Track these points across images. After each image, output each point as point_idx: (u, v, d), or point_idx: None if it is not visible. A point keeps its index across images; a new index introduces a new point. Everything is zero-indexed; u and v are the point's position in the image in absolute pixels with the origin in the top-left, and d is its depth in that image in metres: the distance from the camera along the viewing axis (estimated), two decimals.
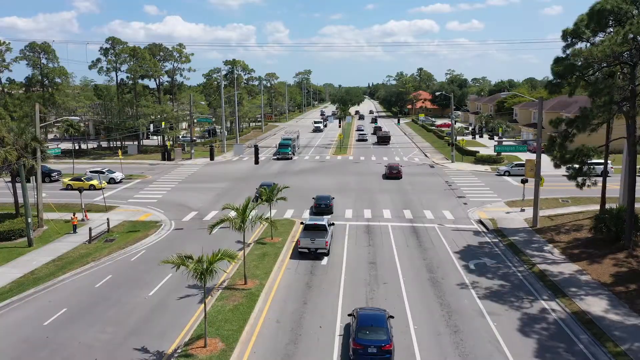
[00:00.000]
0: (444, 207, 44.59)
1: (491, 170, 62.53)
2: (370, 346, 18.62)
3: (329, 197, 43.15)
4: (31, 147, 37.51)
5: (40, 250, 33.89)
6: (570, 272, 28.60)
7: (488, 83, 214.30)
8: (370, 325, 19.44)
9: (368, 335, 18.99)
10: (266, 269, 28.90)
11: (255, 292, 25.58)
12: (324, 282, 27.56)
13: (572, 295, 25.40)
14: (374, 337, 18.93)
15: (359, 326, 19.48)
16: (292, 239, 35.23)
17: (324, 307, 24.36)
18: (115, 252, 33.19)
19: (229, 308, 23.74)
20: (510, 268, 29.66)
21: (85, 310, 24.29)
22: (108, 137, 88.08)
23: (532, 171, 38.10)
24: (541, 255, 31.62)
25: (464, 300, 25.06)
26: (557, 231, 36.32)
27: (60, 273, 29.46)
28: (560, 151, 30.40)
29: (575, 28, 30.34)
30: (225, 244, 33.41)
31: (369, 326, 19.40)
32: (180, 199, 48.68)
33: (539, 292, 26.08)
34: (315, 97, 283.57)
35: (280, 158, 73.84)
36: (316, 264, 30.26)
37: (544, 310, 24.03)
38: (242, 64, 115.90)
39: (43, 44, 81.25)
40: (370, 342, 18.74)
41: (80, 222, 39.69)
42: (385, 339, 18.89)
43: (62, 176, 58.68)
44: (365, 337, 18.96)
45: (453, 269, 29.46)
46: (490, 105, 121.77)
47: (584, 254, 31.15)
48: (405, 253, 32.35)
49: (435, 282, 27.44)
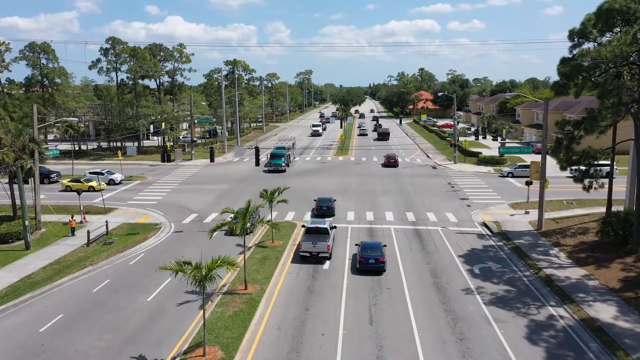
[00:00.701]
0: (447, 209, 44.02)
1: (494, 172, 61.93)
2: (371, 259, 28.55)
3: (330, 199, 42.60)
4: (29, 148, 37.03)
5: (38, 254, 33.37)
6: (578, 277, 28.01)
7: (489, 83, 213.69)
8: (370, 248, 29.43)
9: (369, 253, 28.87)
10: (267, 274, 28.35)
11: (255, 298, 25.02)
12: (326, 287, 27.00)
13: (580, 301, 24.81)
14: (372, 254, 28.80)
15: (362, 248, 29.43)
16: (294, 242, 34.68)
17: (326, 313, 23.80)
18: (113, 255, 32.66)
19: (229, 314, 23.18)
20: (515, 272, 29.08)
21: (82, 316, 23.76)
22: (108, 138, 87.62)
23: (538, 173, 37.51)
24: (547, 259, 31.04)
25: (470, 307, 24.49)
26: (562, 234, 35.72)
27: (57, 277, 28.93)
28: (567, 153, 29.78)
29: (582, 28, 29.79)
30: (225, 247, 33.00)
31: (369, 248, 29.40)
32: (181, 200, 48.16)
33: (546, 298, 25.50)
34: (317, 97, 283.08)
35: (272, 170, 63.04)
36: (318, 268, 29.71)
37: (552, 316, 23.46)
38: (243, 64, 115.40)
39: (43, 44, 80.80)
40: (370, 256, 28.67)
41: (78, 225, 39.17)
42: (380, 254, 28.79)
43: (62, 177, 58.12)
44: (367, 254, 28.83)
45: (457, 274, 28.89)
46: (492, 106, 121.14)
47: (591, 258, 30.56)
48: (408, 257, 31.78)
49: (439, 287, 26.87)
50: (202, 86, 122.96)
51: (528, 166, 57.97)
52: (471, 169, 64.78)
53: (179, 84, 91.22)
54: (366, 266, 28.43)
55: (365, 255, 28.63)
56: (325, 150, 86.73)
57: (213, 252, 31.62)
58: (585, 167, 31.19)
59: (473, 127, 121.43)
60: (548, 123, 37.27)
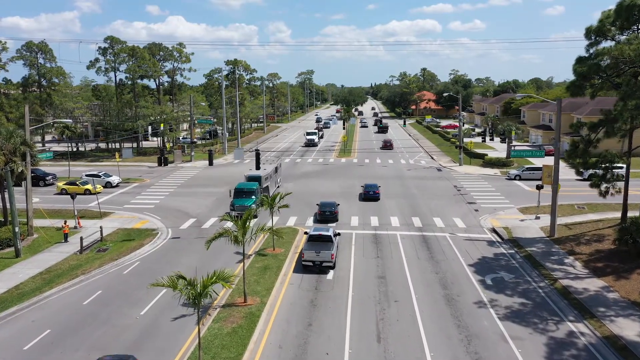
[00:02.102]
0: (454, 214, 42.48)
1: (501, 174, 60.37)
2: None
3: (334, 203, 41.07)
4: (20, 151, 35.60)
5: (28, 262, 31.90)
6: (596, 288, 26.47)
7: (492, 83, 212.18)
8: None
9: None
10: (267, 285, 26.84)
11: (255, 312, 23.51)
12: (330, 299, 25.49)
13: (601, 316, 23.28)
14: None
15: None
16: (296, 250, 33.18)
17: (330, 329, 22.29)
18: (107, 263, 31.18)
19: (227, 331, 21.68)
20: (530, 283, 27.54)
21: (70, 332, 22.28)
22: (106, 139, 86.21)
23: (550, 177, 35.95)
24: (562, 268, 29.50)
25: (484, 322, 22.97)
26: (576, 241, 34.16)
27: (47, 288, 27.47)
28: (584, 157, 28.24)
29: (600, 25, 28.29)
30: (224, 255, 31.51)
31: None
32: (179, 204, 46.68)
33: (564, 312, 23.97)
34: (318, 97, 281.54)
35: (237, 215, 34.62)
36: (321, 279, 28.20)
37: (572, 333, 21.93)
38: (244, 64, 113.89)
39: (40, 43, 79.48)
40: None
41: (72, 230, 37.74)
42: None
43: (58, 180, 56.67)
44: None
45: (469, 285, 27.36)
46: (496, 106, 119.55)
47: (609, 268, 29.02)
48: (416, 266, 30.26)
49: (450, 300, 25.34)
50: (203, 86, 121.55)
51: (536, 169, 56.57)
52: (477, 171, 63.23)
53: (179, 84, 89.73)
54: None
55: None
56: (327, 152, 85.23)
57: (211, 261, 30.28)
58: (602, 172, 29.61)
59: (477, 127, 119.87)
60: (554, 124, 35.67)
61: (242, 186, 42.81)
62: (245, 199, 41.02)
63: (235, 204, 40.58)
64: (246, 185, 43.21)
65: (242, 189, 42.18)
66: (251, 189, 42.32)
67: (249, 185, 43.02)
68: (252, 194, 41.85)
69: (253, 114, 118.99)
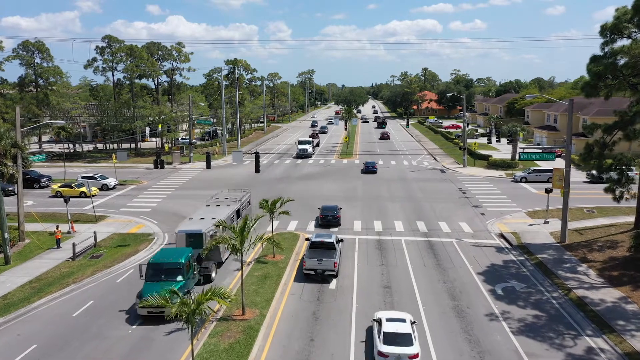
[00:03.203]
0: (460, 218, 41.15)
1: (506, 176, 59.03)
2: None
3: (336, 207, 39.72)
4: (11, 153, 34.28)
5: (17, 269, 30.59)
6: (613, 299, 25.15)
7: (493, 83, 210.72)
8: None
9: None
10: (267, 295, 25.51)
11: (254, 326, 22.19)
12: (333, 311, 24.17)
13: (620, 330, 21.96)
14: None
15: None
16: (297, 257, 31.86)
17: (333, 345, 20.97)
18: (100, 271, 29.87)
19: (224, 347, 20.36)
20: (543, 294, 26.21)
21: (57, 347, 20.97)
22: (104, 140, 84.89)
23: (561, 181, 34.60)
24: (576, 277, 28.17)
25: (496, 336, 21.65)
26: (589, 248, 32.83)
27: (35, 298, 26.17)
28: (599, 161, 26.90)
29: (616, 23, 26.93)
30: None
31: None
32: (176, 207, 45.36)
33: (581, 326, 22.65)
34: (319, 97, 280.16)
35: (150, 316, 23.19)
36: (324, 288, 26.88)
37: (591, 349, 20.61)
38: (244, 64, 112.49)
39: (37, 42, 78.13)
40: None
41: (65, 235, 36.46)
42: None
43: (53, 182, 55.37)
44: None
45: (478, 295, 26.04)
46: (499, 107, 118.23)
47: (625, 277, 27.69)
48: (422, 274, 28.94)
49: (460, 312, 24.02)
50: (202, 86, 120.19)
51: (542, 170, 55.26)
52: (482, 173, 61.87)
53: (178, 84, 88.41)
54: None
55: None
56: (328, 153, 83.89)
57: None
58: (617, 176, 28.27)
59: (480, 127, 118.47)
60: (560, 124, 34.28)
61: (160, 259, 24.88)
62: (165, 283, 23.48)
63: (145, 293, 22.58)
64: (168, 256, 25.18)
65: (159, 265, 24.51)
66: (176, 264, 24.44)
67: (172, 256, 25.03)
68: (176, 272, 24.24)
69: (253, 114, 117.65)
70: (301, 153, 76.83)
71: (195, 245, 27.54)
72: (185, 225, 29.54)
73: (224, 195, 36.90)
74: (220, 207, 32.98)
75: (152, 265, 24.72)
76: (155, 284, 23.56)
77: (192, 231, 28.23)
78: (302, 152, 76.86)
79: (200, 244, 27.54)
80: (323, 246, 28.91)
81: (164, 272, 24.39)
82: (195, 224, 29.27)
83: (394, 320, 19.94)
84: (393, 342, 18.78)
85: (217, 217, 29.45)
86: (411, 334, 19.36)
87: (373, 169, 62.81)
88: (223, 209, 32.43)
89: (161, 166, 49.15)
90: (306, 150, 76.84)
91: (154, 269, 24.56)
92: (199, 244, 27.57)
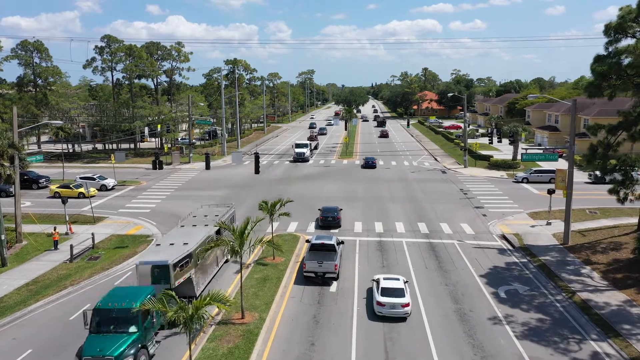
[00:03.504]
0: (461, 219, 40.79)
1: (507, 177, 58.66)
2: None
3: (336, 208, 39.35)
4: (8, 154, 33.92)
5: (14, 271, 30.23)
6: (618, 302, 24.78)
7: (493, 83, 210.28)
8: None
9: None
10: (267, 298, 25.14)
11: (253, 330, 21.82)
12: (334, 314, 23.81)
13: (626, 334, 21.59)
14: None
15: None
16: (297, 258, 31.50)
17: (335, 350, 20.60)
18: (97, 273, 29.51)
19: (222, 352, 19.98)
20: (546, 297, 25.85)
21: (53, 353, 20.60)
22: (103, 140, 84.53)
23: (563, 182, 34.24)
24: (579, 280, 27.81)
25: (500, 341, 21.29)
26: (592, 250, 32.46)
27: (32, 301, 25.81)
28: (604, 162, 26.54)
29: (621, 22, 26.56)
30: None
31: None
32: (175, 208, 44.98)
33: (586, 330, 22.28)
34: (319, 97, 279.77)
35: None
36: (324, 291, 26.52)
37: (596, 354, 20.24)
38: (244, 64, 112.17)
39: (35, 42, 77.73)
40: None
41: (63, 237, 36.09)
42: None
43: (51, 182, 54.99)
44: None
45: (481, 298, 25.68)
46: (500, 107, 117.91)
47: (630, 280, 27.33)
48: (424, 277, 28.57)
49: (462, 316, 23.65)
50: (202, 86, 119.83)
51: (544, 171, 54.94)
52: (483, 173, 61.50)
53: (177, 84, 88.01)
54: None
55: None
56: (328, 153, 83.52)
57: None
58: (622, 177, 27.90)
59: (481, 128, 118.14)
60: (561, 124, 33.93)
61: (109, 304, 19.86)
62: (113, 337, 18.83)
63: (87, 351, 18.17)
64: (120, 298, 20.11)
65: (107, 312, 19.59)
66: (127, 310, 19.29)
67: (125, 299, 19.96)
68: (129, 321, 19.24)
69: (253, 114, 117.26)
70: (298, 157, 72.47)
71: (160, 280, 22.15)
72: (148, 255, 23.92)
73: (204, 212, 31.49)
74: (197, 228, 27.61)
75: (99, 311, 19.44)
76: (100, 338, 18.62)
77: (156, 262, 22.36)
78: (299, 155, 72.47)
79: (167, 278, 22.11)
80: (323, 248, 28.55)
81: (113, 321, 19.21)
82: (162, 252, 23.49)
83: (389, 279, 24.57)
84: (389, 294, 23.22)
85: (190, 242, 24.52)
86: (403, 289, 23.67)
87: (372, 164, 66.02)
88: (199, 231, 26.99)
89: (160, 167, 47.74)
90: (303, 154, 72.58)
91: (100, 317, 19.33)
92: (165, 278, 22.13)
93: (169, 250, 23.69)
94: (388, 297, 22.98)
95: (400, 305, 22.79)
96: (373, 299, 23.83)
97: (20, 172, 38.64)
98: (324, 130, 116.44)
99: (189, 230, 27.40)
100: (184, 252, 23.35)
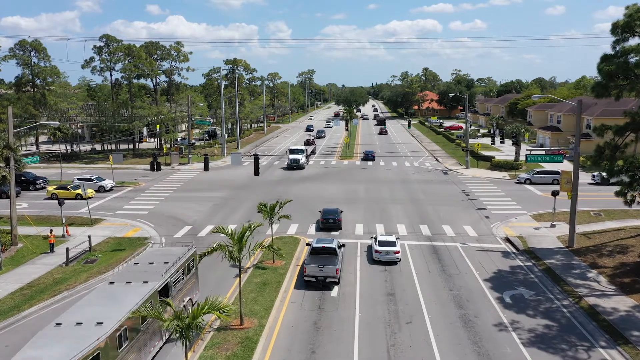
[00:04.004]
0: (464, 221, 40.18)
1: (510, 178, 58.08)
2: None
3: (337, 210, 38.75)
4: (3, 155, 33.35)
5: (9, 275, 29.63)
6: (626, 308, 24.17)
7: (494, 83, 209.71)
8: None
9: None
10: (266, 304, 24.54)
11: (253, 337, 21.21)
12: (335, 321, 23.20)
13: (635, 341, 20.99)
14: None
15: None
16: (297, 262, 30.89)
17: (336, 357, 19.98)
18: (93, 277, 28.90)
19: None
20: (552, 302, 25.25)
21: None
22: (101, 140, 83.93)
23: (569, 184, 33.64)
24: (586, 284, 27.20)
25: (506, 348, 20.68)
26: (598, 253, 31.86)
27: (26, 306, 25.22)
28: (611, 164, 25.94)
29: (628, 20, 25.95)
30: (219, 268, 29.24)
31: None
32: (174, 210, 44.40)
33: (594, 337, 21.67)
34: (319, 97, 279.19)
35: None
36: (325, 296, 25.91)
37: None
38: (244, 64, 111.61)
39: (34, 42, 77.21)
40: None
41: (59, 239, 35.52)
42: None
43: (48, 183, 54.40)
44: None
45: (486, 303, 25.07)
46: (501, 107, 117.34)
47: (638, 284, 26.72)
48: (427, 281, 27.97)
49: (467, 322, 23.05)
50: (202, 86, 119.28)
51: (547, 172, 54.37)
52: (485, 174, 60.91)
53: (177, 84, 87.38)
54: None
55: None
56: (328, 154, 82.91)
57: (205, 274, 27.98)
58: (629, 179, 27.31)
59: (482, 128, 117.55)
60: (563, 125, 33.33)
61: None
62: None
63: None
64: None
65: None
66: None
67: None
68: None
69: (253, 114, 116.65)
70: (292, 164, 66.07)
71: None
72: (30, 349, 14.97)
73: (149, 259, 22.31)
74: (132, 288, 18.94)
75: None
76: None
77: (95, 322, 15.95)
78: (294, 163, 66.07)
79: None
80: (324, 252, 27.96)
81: None
82: (59, 342, 15.15)
83: (385, 235, 31.97)
84: (384, 245, 30.56)
85: (108, 321, 16.14)
86: (395, 241, 30.96)
87: (372, 156, 72.03)
88: (135, 292, 18.57)
89: (157, 168, 47.17)
90: (298, 161, 65.95)
91: None
92: None
93: (72, 338, 15.16)
94: (383, 247, 30.33)
95: (392, 252, 30.13)
96: (372, 251, 31.13)
97: (17, 174, 38.13)
98: (322, 132, 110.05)
99: (120, 289, 18.93)
100: (91, 344, 14.78)
